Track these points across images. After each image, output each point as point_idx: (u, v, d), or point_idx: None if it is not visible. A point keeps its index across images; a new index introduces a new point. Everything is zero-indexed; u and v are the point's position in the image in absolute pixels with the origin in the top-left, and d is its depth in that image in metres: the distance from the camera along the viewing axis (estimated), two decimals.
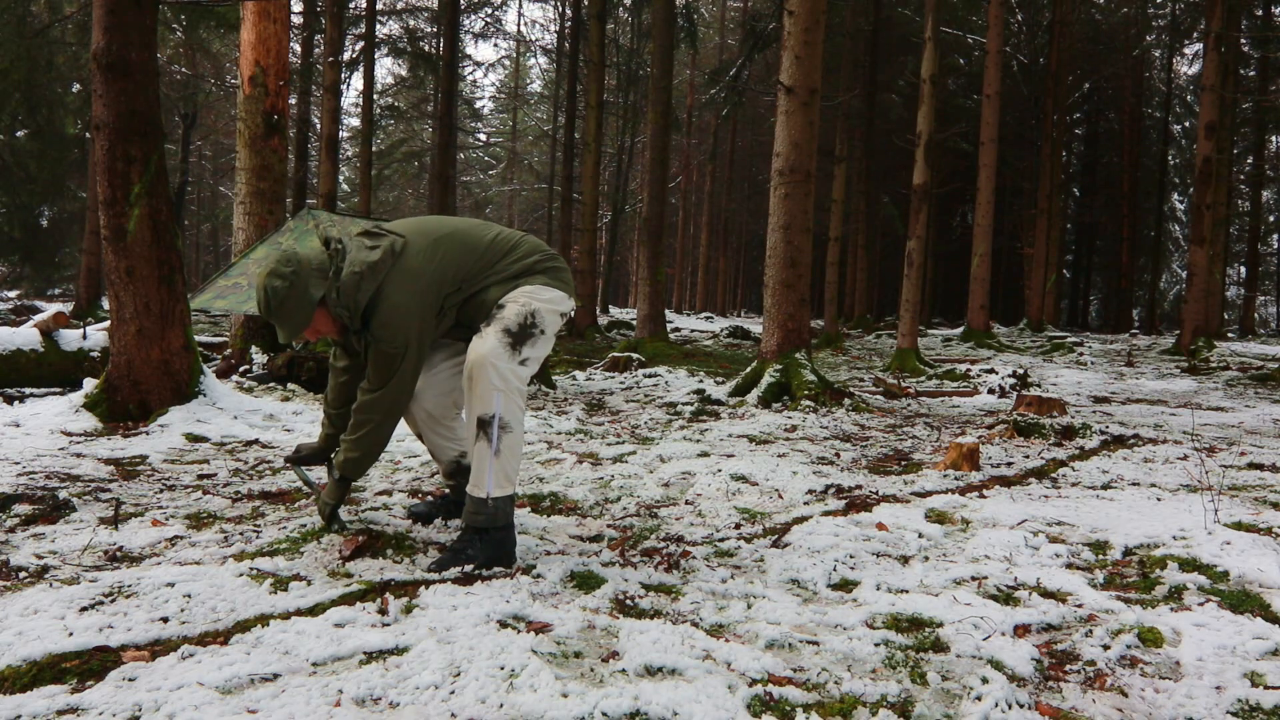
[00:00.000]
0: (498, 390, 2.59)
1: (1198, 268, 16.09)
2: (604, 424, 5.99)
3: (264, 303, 2.54)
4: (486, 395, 2.59)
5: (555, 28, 32.71)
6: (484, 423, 2.59)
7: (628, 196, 27.28)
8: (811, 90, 7.48)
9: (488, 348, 2.61)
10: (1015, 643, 2.13)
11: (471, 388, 2.60)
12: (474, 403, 2.61)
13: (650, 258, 14.16)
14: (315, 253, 2.60)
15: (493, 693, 1.77)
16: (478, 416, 2.60)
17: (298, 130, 17.67)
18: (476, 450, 2.62)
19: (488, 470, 2.63)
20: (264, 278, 2.54)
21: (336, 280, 2.56)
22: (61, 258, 23.43)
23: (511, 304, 2.71)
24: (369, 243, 2.64)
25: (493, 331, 2.64)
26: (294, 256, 2.57)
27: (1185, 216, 37.19)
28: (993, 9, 17.98)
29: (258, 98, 8.10)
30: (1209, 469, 4.43)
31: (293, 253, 2.58)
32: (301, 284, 2.53)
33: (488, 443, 2.60)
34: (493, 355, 2.59)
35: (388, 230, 2.71)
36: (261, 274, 2.55)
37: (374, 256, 2.59)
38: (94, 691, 1.73)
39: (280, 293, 2.52)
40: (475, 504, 2.64)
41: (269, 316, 2.55)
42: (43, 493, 3.25)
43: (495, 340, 2.62)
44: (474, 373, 2.59)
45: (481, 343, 2.62)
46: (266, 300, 2.53)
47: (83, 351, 6.27)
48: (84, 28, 16.26)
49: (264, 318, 2.61)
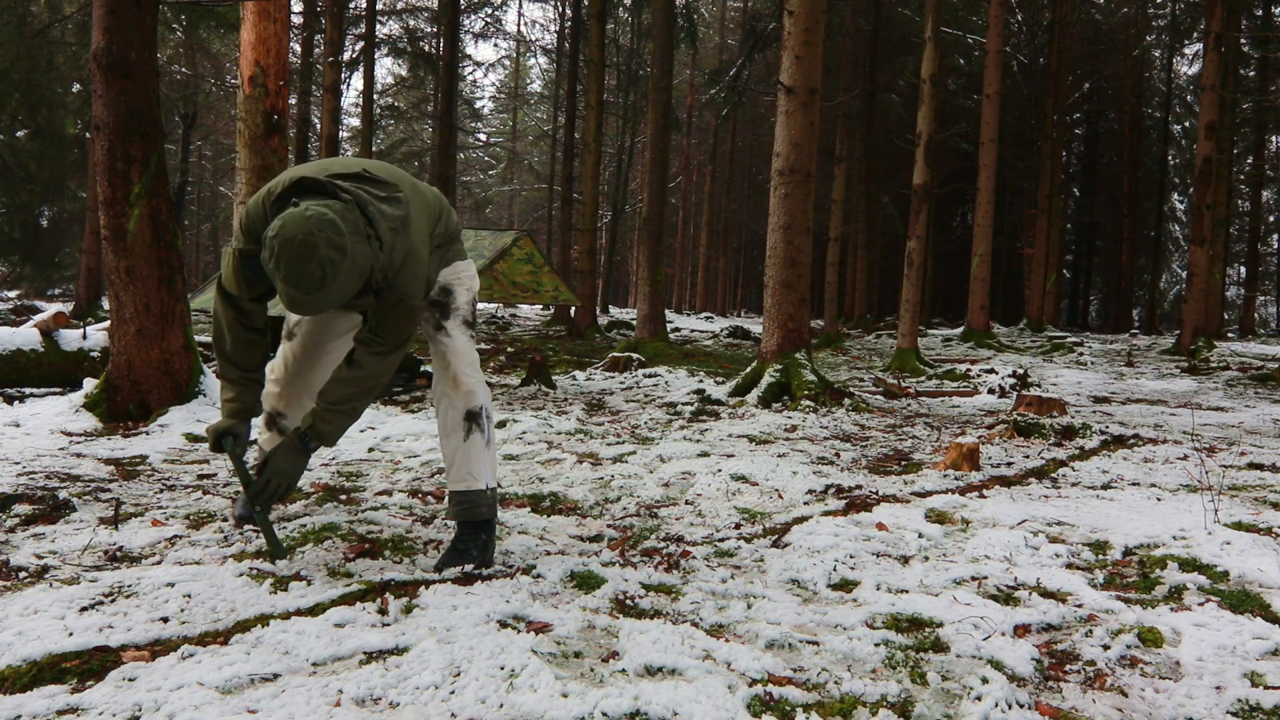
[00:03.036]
0: (480, 382, 2.68)
1: (1198, 268, 16.10)
2: (604, 424, 5.99)
3: (315, 279, 2.10)
4: (473, 389, 2.66)
5: (555, 28, 32.72)
6: (474, 415, 2.66)
7: (628, 196, 27.27)
8: (811, 90, 7.48)
9: (462, 345, 2.68)
10: (1015, 643, 2.13)
11: (456, 386, 2.64)
12: (458, 399, 2.65)
13: (650, 258, 14.16)
14: (339, 209, 2.19)
15: (493, 693, 1.77)
16: (466, 410, 2.65)
17: (298, 130, 17.66)
18: (469, 444, 2.65)
19: (483, 461, 2.67)
20: (308, 248, 2.08)
21: (377, 239, 2.24)
22: (61, 258, 23.43)
23: (459, 290, 2.72)
24: (379, 191, 2.35)
25: (457, 328, 2.69)
26: (333, 220, 2.13)
27: (1185, 216, 37.19)
28: (993, 9, 17.98)
29: (258, 98, 8.11)
30: (1209, 469, 4.42)
31: (326, 215, 2.13)
32: (355, 251, 2.15)
33: (480, 434, 2.66)
34: (467, 351, 2.67)
35: (378, 176, 2.41)
36: (297, 241, 2.08)
37: (400, 211, 2.34)
38: (94, 691, 1.73)
39: (336, 266, 2.11)
40: (476, 496, 2.66)
41: (315, 292, 2.13)
42: (43, 493, 3.24)
43: (464, 337, 2.69)
44: (458, 371, 2.64)
45: (449, 340, 2.67)
46: (321, 277, 2.10)
47: (83, 351, 6.27)
48: (84, 28, 16.25)
49: (300, 293, 2.13)
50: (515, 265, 8.49)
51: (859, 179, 23.36)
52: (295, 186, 2.30)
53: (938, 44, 12.39)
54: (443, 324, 2.68)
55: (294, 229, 2.09)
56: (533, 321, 23.72)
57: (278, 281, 2.14)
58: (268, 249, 2.13)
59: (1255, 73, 26.50)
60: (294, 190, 2.30)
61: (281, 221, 2.12)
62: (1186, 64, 32.68)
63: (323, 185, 2.27)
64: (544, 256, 8.94)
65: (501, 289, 8.47)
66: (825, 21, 7.66)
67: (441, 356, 2.68)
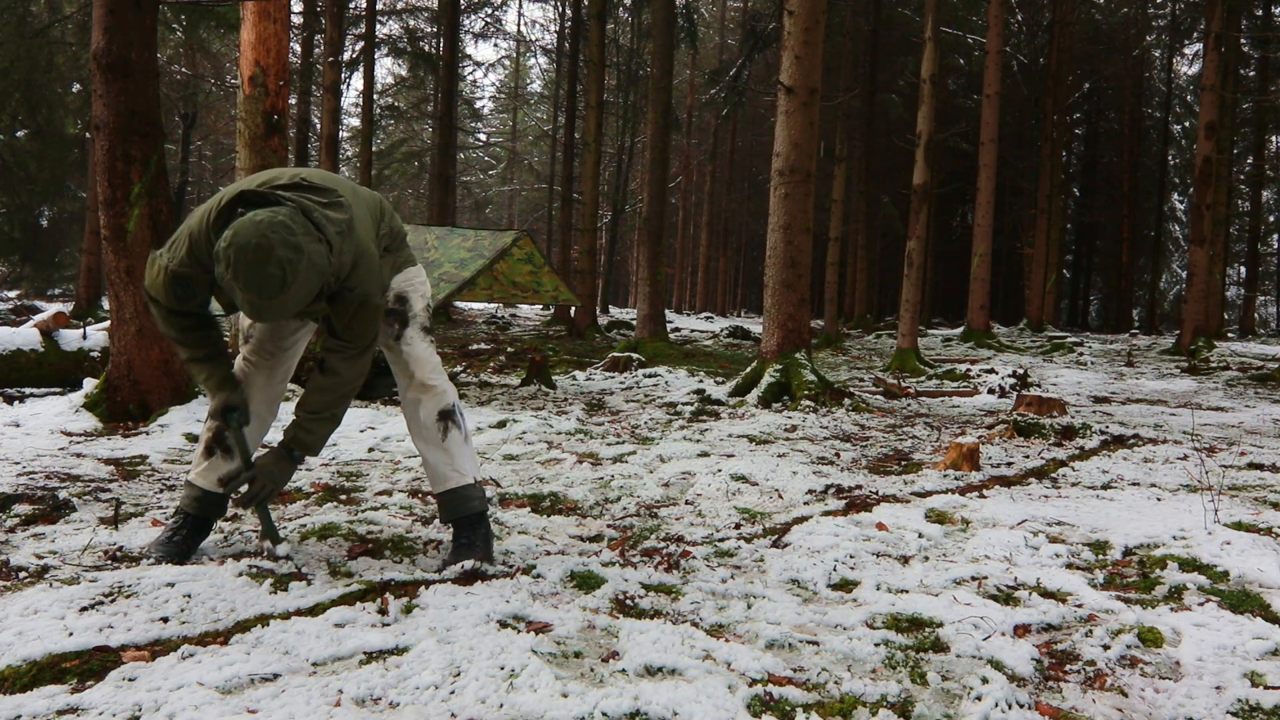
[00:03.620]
0: (447, 382, 2.73)
1: (1198, 268, 16.10)
2: (604, 424, 5.99)
3: (276, 280, 2.08)
4: (442, 391, 2.70)
5: (555, 28, 32.72)
6: (447, 413, 2.70)
7: (628, 196, 27.29)
8: (811, 90, 7.48)
9: (423, 351, 2.70)
10: (1015, 643, 2.13)
11: (426, 390, 2.67)
12: (429, 401, 2.68)
13: (650, 258, 14.16)
14: (286, 212, 2.16)
15: (493, 693, 1.77)
16: (439, 410, 2.68)
17: (298, 130, 17.67)
18: (449, 442, 2.68)
19: (465, 456, 2.72)
20: (264, 251, 2.06)
21: (325, 243, 2.21)
22: (61, 258, 23.43)
23: (414, 296, 2.73)
24: (320, 198, 2.32)
25: (417, 335, 2.70)
26: (283, 222, 2.11)
27: (1185, 216, 37.17)
28: (993, 9, 17.98)
29: (258, 98, 8.10)
30: (1209, 469, 4.42)
31: (276, 218, 2.11)
32: (310, 250, 2.13)
33: (458, 430, 2.71)
34: (429, 357, 2.70)
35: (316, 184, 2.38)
36: (253, 245, 2.06)
37: (343, 215, 2.33)
38: (94, 691, 1.73)
39: (295, 266, 2.09)
40: (467, 491, 2.69)
41: (276, 295, 2.11)
42: (43, 493, 3.25)
43: (425, 343, 2.71)
44: (423, 377, 2.67)
45: (409, 348, 2.68)
46: (282, 278, 2.08)
47: (83, 351, 6.27)
48: (84, 28, 16.25)
49: (261, 299, 2.11)
50: (515, 265, 8.48)
51: (859, 179, 23.35)
52: (235, 201, 2.29)
53: (938, 44, 12.39)
54: (402, 333, 2.69)
55: (247, 234, 2.08)
56: (533, 321, 23.73)
57: (237, 291, 2.11)
58: (223, 260, 2.10)
59: (1255, 73, 26.49)
60: (235, 204, 2.29)
61: (233, 230, 2.10)
62: (1186, 64, 32.69)
63: (264, 196, 2.27)
64: (544, 256, 8.93)
65: (501, 289, 8.46)
66: (825, 21, 7.66)
67: (405, 365, 2.69)
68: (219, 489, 2.66)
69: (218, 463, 2.67)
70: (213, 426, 2.68)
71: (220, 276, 2.14)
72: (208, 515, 2.71)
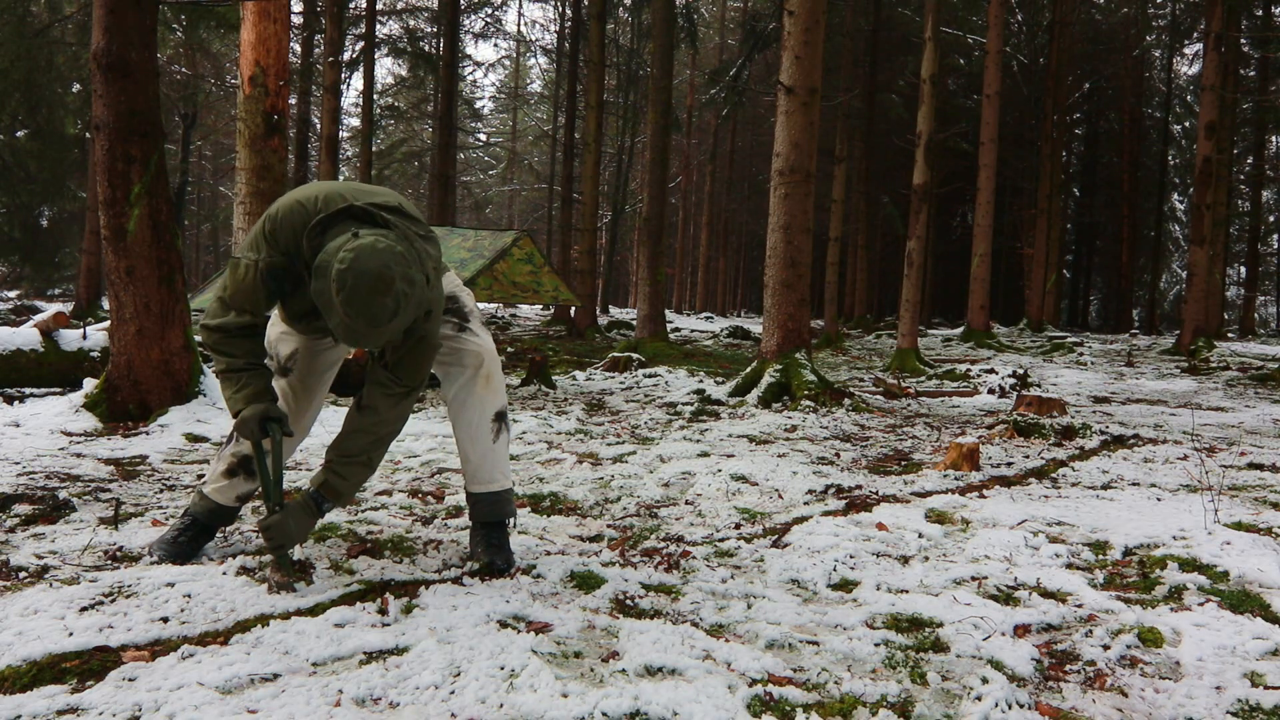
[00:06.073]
0: (504, 381, 2.67)
1: (1198, 268, 16.10)
2: (604, 424, 5.99)
3: (389, 311, 2.02)
4: (501, 388, 2.65)
5: (555, 28, 32.70)
6: (502, 415, 2.65)
7: (628, 196, 27.27)
8: (811, 90, 7.48)
9: (490, 344, 2.64)
10: (1015, 643, 2.13)
11: (488, 384, 2.60)
12: (490, 398, 2.60)
13: (650, 258, 14.16)
14: (399, 239, 2.11)
15: (493, 693, 1.77)
16: (496, 410, 2.62)
17: (298, 130, 17.67)
18: (498, 445, 2.63)
19: (507, 460, 2.69)
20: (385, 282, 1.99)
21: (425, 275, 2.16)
22: (61, 258, 23.41)
23: (463, 295, 2.68)
24: (418, 229, 2.26)
25: (480, 328, 2.65)
26: (402, 253, 2.05)
27: (1185, 216, 37.16)
28: (993, 9, 17.99)
29: (258, 98, 8.11)
30: (1209, 469, 4.42)
31: (396, 248, 2.05)
32: (420, 284, 2.10)
33: (507, 433, 2.67)
34: (495, 350, 2.64)
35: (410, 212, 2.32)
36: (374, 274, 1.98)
37: (436, 250, 2.28)
38: (94, 691, 1.73)
39: (408, 299, 2.05)
40: (506, 496, 2.66)
41: (384, 325, 2.03)
42: (43, 493, 3.24)
43: (489, 336, 2.65)
44: (490, 369, 2.60)
45: (478, 339, 2.61)
46: (395, 310, 2.02)
47: (83, 351, 6.27)
48: (84, 28, 16.25)
49: (370, 327, 2.03)
50: (515, 265, 8.49)
51: (859, 179, 23.34)
52: (344, 213, 2.18)
53: (938, 44, 12.38)
54: (465, 325, 2.61)
55: (369, 261, 1.99)
56: (533, 321, 23.73)
57: (336, 312, 2.02)
58: (336, 282, 1.99)
59: (1255, 73, 26.49)
60: (339, 216, 2.18)
61: (354, 254, 2.00)
62: (1186, 64, 32.68)
63: (370, 214, 2.18)
64: (544, 256, 8.94)
65: (501, 289, 8.47)
66: (825, 21, 7.66)
67: (474, 356, 2.58)
68: (235, 504, 2.64)
69: (239, 483, 2.61)
70: (238, 452, 2.56)
71: (321, 293, 2.04)
72: (217, 524, 2.69)
